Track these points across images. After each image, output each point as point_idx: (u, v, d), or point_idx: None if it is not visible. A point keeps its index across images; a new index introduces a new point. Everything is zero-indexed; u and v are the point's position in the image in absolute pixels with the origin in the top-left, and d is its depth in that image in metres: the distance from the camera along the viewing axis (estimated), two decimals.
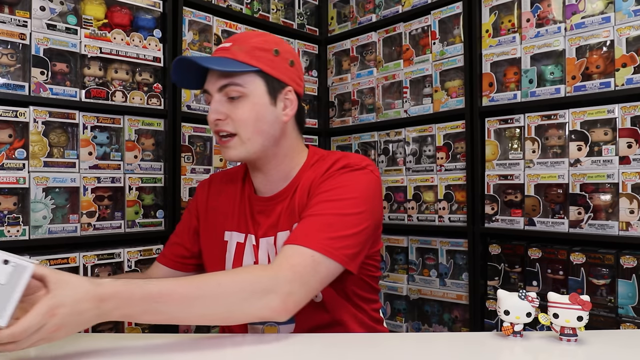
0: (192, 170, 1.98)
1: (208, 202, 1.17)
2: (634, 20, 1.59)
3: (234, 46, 0.99)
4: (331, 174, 1.00)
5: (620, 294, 1.59)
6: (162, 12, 1.90)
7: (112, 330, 1.76)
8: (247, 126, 0.98)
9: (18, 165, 1.56)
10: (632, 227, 1.56)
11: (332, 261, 0.90)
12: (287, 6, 2.42)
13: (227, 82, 0.98)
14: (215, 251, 1.12)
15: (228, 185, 1.16)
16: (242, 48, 0.98)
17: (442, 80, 2.09)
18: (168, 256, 1.20)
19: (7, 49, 1.57)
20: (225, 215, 1.12)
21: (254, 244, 1.06)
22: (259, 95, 0.99)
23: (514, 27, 1.88)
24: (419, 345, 0.87)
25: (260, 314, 0.84)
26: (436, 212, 2.10)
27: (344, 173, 1.00)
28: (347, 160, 1.02)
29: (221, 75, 0.98)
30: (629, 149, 1.59)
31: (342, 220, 0.93)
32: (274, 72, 0.99)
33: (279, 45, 1.02)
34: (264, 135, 1.00)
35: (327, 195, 0.96)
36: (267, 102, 1.00)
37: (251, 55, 0.98)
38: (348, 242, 0.92)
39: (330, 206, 0.94)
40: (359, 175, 0.99)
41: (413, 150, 2.20)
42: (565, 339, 0.81)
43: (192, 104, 2.00)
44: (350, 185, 0.97)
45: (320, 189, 0.98)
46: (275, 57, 1.00)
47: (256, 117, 0.98)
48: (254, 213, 1.09)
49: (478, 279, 1.93)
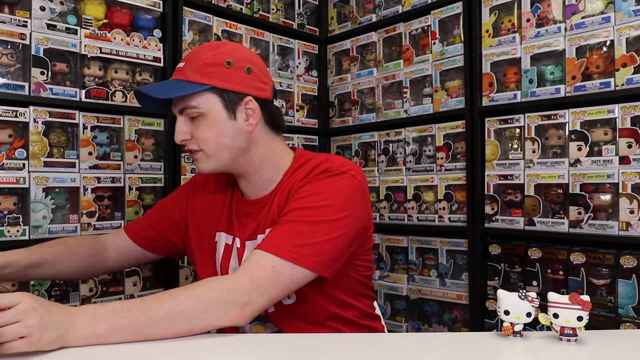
0: (192, 170, 1.98)
1: (203, 200, 1.17)
2: (634, 20, 1.59)
3: (186, 66, 1.00)
4: (310, 179, 1.00)
5: (620, 294, 1.59)
6: (162, 12, 1.90)
7: None
8: (209, 143, 1.00)
9: (18, 165, 1.56)
10: (632, 227, 1.56)
11: (300, 268, 0.91)
12: (287, 6, 2.42)
13: (183, 105, 1.00)
14: (207, 251, 1.13)
15: (221, 186, 1.17)
16: (192, 67, 0.99)
17: (442, 80, 2.09)
18: (141, 236, 1.21)
19: (7, 49, 1.57)
20: (217, 215, 1.13)
21: (239, 247, 1.07)
22: (216, 112, 0.99)
23: (514, 27, 1.88)
24: (419, 346, 0.87)
25: (220, 323, 0.87)
26: (436, 212, 2.10)
27: (322, 179, 0.99)
28: (327, 165, 1.01)
29: (180, 99, 1.00)
30: (629, 149, 1.59)
31: (314, 228, 0.93)
32: (228, 86, 0.99)
33: (231, 55, 1.00)
34: (228, 149, 1.01)
35: (301, 202, 0.96)
36: (225, 117, 1.00)
37: (202, 73, 0.98)
38: (320, 249, 0.92)
39: (304, 214, 0.94)
40: (338, 180, 0.98)
41: (413, 150, 2.20)
42: (565, 339, 0.81)
43: None
44: (328, 191, 0.97)
45: (297, 195, 0.98)
46: (228, 69, 0.99)
47: (217, 134, 1.00)
48: (240, 216, 1.10)
49: (478, 279, 1.93)
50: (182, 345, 0.84)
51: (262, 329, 1.07)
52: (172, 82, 1.00)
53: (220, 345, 0.85)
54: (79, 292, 1.67)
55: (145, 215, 1.24)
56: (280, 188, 1.05)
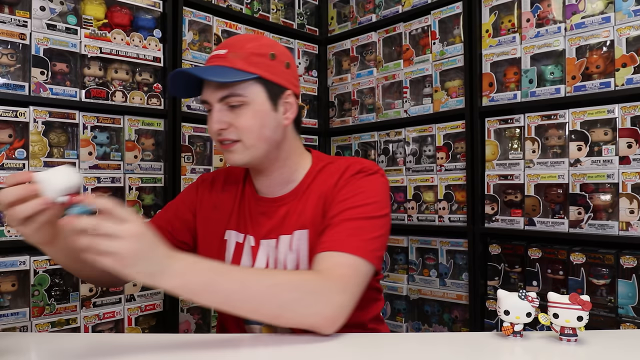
0: (192, 170, 1.99)
1: (210, 198, 1.13)
2: (634, 20, 1.59)
3: (230, 53, 0.97)
4: (348, 179, 1.01)
5: (620, 294, 1.59)
6: (162, 12, 1.91)
7: (112, 330, 1.76)
8: (250, 133, 0.97)
9: (18, 165, 1.56)
10: (632, 227, 1.56)
11: (369, 264, 0.91)
12: (287, 6, 2.42)
13: (227, 92, 0.96)
14: (214, 250, 1.10)
15: (230, 183, 1.14)
16: (238, 55, 0.96)
17: (442, 80, 2.09)
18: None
19: (7, 49, 1.57)
20: (226, 213, 1.10)
21: (253, 245, 1.05)
22: (261, 102, 0.97)
23: (514, 27, 1.88)
24: (419, 346, 0.87)
25: (310, 320, 0.84)
26: (436, 212, 2.10)
27: (361, 178, 1.00)
28: (360, 165, 1.03)
29: (220, 86, 0.96)
30: (629, 149, 1.59)
31: (370, 224, 0.95)
32: (273, 77, 0.98)
33: (274, 48, 1.00)
34: (268, 141, 1.00)
35: (351, 202, 0.97)
36: (269, 108, 0.99)
37: (249, 62, 0.96)
38: (377, 244, 0.94)
39: (358, 212, 0.95)
40: (374, 179, 1.01)
41: (413, 150, 2.20)
42: (565, 339, 0.81)
43: (192, 104, 2.01)
44: (370, 189, 0.99)
45: (342, 196, 0.98)
46: (272, 61, 0.99)
47: (260, 125, 0.97)
48: (255, 214, 1.07)
49: (478, 279, 1.93)
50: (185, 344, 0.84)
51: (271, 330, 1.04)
52: (218, 68, 0.96)
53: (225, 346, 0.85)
54: (79, 292, 1.67)
55: (155, 218, 1.17)
56: (305, 189, 1.04)
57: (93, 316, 1.69)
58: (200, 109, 2.03)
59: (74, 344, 0.88)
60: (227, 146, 0.99)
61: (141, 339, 0.87)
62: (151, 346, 0.82)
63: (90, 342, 0.92)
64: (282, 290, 0.82)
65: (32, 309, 1.56)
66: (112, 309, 1.74)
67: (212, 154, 2.06)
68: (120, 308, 1.76)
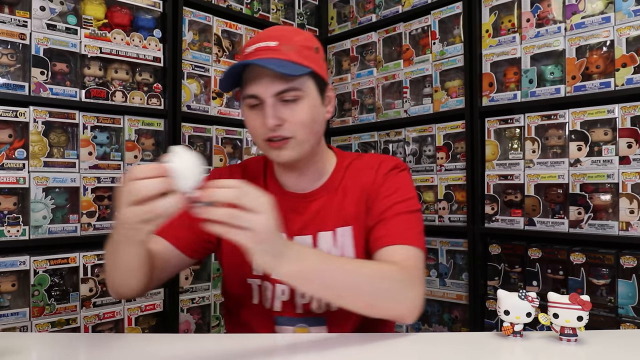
0: None
1: None
2: (634, 20, 1.59)
3: (283, 45, 0.91)
4: (386, 176, 1.02)
5: (620, 294, 1.59)
6: (162, 12, 1.91)
7: (112, 330, 1.76)
8: (304, 128, 0.93)
9: (18, 165, 1.56)
10: (632, 227, 1.56)
11: (423, 255, 0.95)
12: (287, 6, 2.42)
13: (287, 87, 0.90)
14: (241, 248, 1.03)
15: (250, 179, 1.03)
16: (290, 47, 0.91)
17: (442, 80, 2.09)
18: (183, 241, 1.02)
19: (7, 49, 1.57)
20: None
21: None
22: (314, 96, 0.95)
23: (514, 27, 1.88)
24: (419, 345, 0.87)
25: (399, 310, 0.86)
26: (436, 212, 2.10)
27: (396, 174, 1.02)
28: (393, 162, 1.04)
29: (278, 79, 0.89)
30: (629, 149, 1.59)
31: (416, 217, 0.99)
32: (320, 71, 0.96)
33: (314, 42, 0.99)
34: (317, 135, 0.98)
35: (396, 197, 0.99)
36: (320, 102, 0.96)
37: (302, 55, 0.92)
38: (423, 236, 0.99)
39: (404, 206, 0.98)
40: (407, 176, 1.05)
41: (413, 150, 2.20)
42: (565, 339, 0.81)
43: (192, 104, 2.00)
44: (406, 185, 1.03)
45: (384, 192, 1.00)
46: (317, 55, 0.97)
47: (313, 119, 0.95)
48: (284, 210, 1.00)
49: (478, 279, 1.93)
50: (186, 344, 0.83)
51: (306, 331, 1.00)
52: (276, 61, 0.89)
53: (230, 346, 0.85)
54: (79, 292, 1.67)
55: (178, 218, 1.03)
56: (338, 185, 1.03)
57: (93, 316, 1.69)
58: (200, 109, 2.03)
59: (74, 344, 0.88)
60: (278, 144, 0.93)
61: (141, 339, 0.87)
62: (151, 346, 0.82)
63: (90, 342, 0.92)
64: (378, 280, 0.84)
65: (32, 309, 1.56)
66: (112, 309, 1.74)
67: (212, 154, 2.06)
68: (120, 308, 1.76)
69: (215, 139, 2.07)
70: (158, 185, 0.68)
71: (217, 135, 2.07)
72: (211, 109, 2.06)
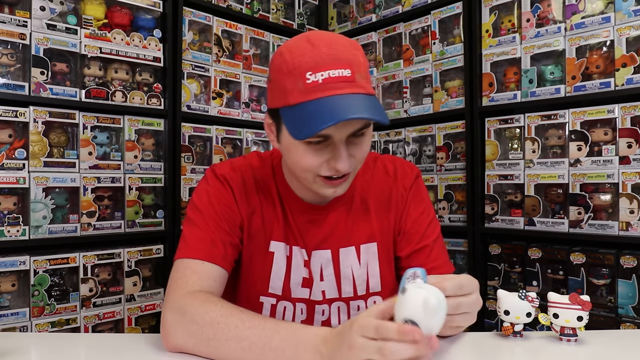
0: (192, 170, 1.98)
1: (249, 203, 0.95)
2: (634, 20, 1.59)
3: (356, 74, 0.78)
4: (410, 188, 1.01)
5: (620, 294, 1.59)
6: (162, 12, 1.91)
7: (112, 330, 1.76)
8: (362, 162, 0.87)
9: (18, 165, 1.56)
10: (632, 227, 1.56)
11: None
12: (287, 6, 2.42)
13: (363, 124, 0.81)
14: (260, 263, 0.95)
15: (263, 185, 0.98)
16: (362, 75, 0.79)
17: (442, 80, 2.09)
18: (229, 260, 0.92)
19: (7, 49, 1.57)
20: (268, 222, 0.95)
21: (306, 259, 0.95)
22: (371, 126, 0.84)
23: (514, 27, 1.88)
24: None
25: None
26: (436, 212, 2.10)
27: (419, 182, 1.03)
28: (408, 169, 1.03)
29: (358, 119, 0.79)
30: (629, 149, 1.59)
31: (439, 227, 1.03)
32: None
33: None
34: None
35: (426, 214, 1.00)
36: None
37: (369, 81, 0.82)
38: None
39: (435, 224, 1.01)
40: (422, 182, 1.05)
41: (413, 150, 2.20)
42: (565, 339, 0.81)
43: (192, 104, 2.00)
44: (426, 192, 1.05)
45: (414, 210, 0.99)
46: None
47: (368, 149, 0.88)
48: (301, 222, 0.96)
49: (478, 279, 1.92)
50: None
51: None
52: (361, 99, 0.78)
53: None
54: (79, 292, 1.67)
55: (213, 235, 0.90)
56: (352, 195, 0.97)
57: (93, 316, 1.69)
58: (200, 109, 2.03)
59: (74, 344, 0.88)
60: (338, 181, 0.84)
61: (141, 339, 0.87)
62: (151, 346, 0.82)
63: (90, 342, 0.92)
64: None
65: (32, 309, 1.56)
66: (112, 309, 1.74)
67: (212, 154, 2.06)
68: (120, 308, 1.76)
69: (215, 139, 2.07)
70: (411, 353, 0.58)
71: (217, 135, 2.07)
72: (211, 109, 2.06)
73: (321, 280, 0.95)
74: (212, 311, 0.75)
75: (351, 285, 0.96)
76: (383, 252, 0.97)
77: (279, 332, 0.70)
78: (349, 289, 0.96)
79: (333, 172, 0.82)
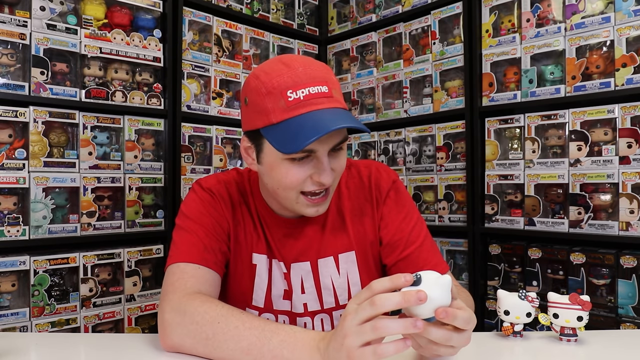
0: (192, 170, 1.98)
1: (233, 215, 0.98)
2: (634, 20, 1.59)
3: (333, 90, 0.82)
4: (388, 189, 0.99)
5: (620, 294, 1.59)
6: (162, 12, 1.91)
7: (112, 330, 1.76)
8: (340, 175, 0.89)
9: (18, 165, 1.56)
10: (632, 227, 1.56)
11: None
12: (287, 6, 2.42)
13: (343, 138, 0.84)
14: (245, 274, 0.97)
15: (242, 198, 1.00)
16: (337, 91, 0.84)
17: (442, 80, 2.09)
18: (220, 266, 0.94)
19: (7, 49, 1.57)
20: (249, 234, 0.97)
21: (285, 272, 0.96)
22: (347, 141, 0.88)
23: (514, 27, 1.88)
24: None
25: None
26: (436, 212, 2.10)
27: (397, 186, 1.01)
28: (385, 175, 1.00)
29: (337, 132, 0.82)
30: (629, 149, 1.59)
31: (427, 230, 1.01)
32: None
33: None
34: None
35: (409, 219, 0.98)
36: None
37: (342, 98, 0.86)
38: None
39: (419, 227, 0.99)
40: (402, 186, 1.03)
41: (413, 150, 2.20)
42: (565, 339, 0.81)
43: (192, 104, 2.00)
44: (407, 196, 1.03)
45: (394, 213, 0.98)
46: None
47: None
48: (278, 236, 0.97)
49: (478, 279, 1.93)
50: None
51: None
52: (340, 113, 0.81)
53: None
54: (79, 292, 1.67)
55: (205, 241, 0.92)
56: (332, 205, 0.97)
57: (93, 316, 1.69)
58: (200, 109, 2.03)
59: (74, 344, 0.88)
60: (320, 199, 0.87)
61: (141, 339, 0.87)
62: (151, 346, 0.82)
63: (90, 342, 0.92)
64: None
65: (32, 309, 1.56)
66: (112, 309, 1.74)
67: (212, 154, 2.06)
68: (120, 308, 1.76)
69: (215, 139, 2.07)
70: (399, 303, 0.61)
71: (217, 135, 2.07)
72: (211, 109, 2.06)
73: (302, 292, 0.96)
74: (212, 311, 0.76)
75: (332, 296, 0.97)
76: (362, 260, 0.97)
77: (279, 334, 0.71)
78: (330, 299, 0.97)
79: (317, 186, 0.85)
